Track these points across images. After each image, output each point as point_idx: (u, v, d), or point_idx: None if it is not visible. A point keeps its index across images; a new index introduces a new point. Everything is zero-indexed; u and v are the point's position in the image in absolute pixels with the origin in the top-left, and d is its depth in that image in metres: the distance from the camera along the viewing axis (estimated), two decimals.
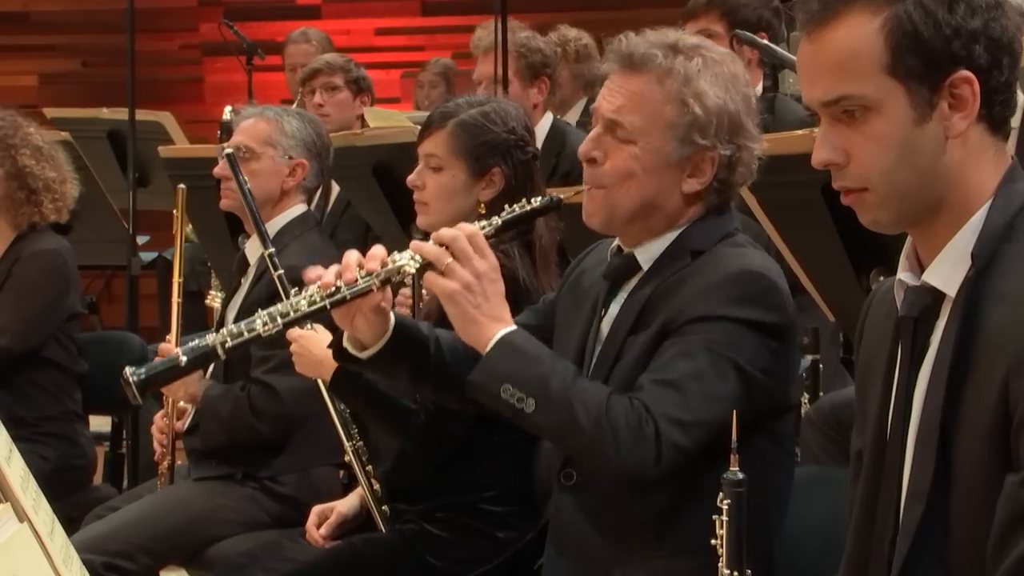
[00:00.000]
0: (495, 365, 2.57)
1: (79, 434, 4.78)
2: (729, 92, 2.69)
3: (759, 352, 2.58)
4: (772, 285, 2.63)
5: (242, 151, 4.21)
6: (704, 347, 2.55)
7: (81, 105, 7.44)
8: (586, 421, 2.50)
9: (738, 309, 2.58)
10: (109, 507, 4.27)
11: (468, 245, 2.64)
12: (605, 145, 2.71)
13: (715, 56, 2.72)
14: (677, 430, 2.50)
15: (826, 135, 1.98)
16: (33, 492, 2.16)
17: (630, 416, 2.50)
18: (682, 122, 2.67)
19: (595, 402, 2.52)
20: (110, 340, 5.16)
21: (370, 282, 2.69)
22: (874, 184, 1.97)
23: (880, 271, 3.19)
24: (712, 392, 2.53)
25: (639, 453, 2.48)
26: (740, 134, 2.70)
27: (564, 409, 2.51)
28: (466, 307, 2.61)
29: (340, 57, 6.58)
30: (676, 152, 2.68)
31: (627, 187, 2.69)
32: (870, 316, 2.18)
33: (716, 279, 2.62)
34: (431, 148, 3.49)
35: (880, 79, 1.94)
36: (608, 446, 2.49)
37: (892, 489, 2.02)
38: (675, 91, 2.67)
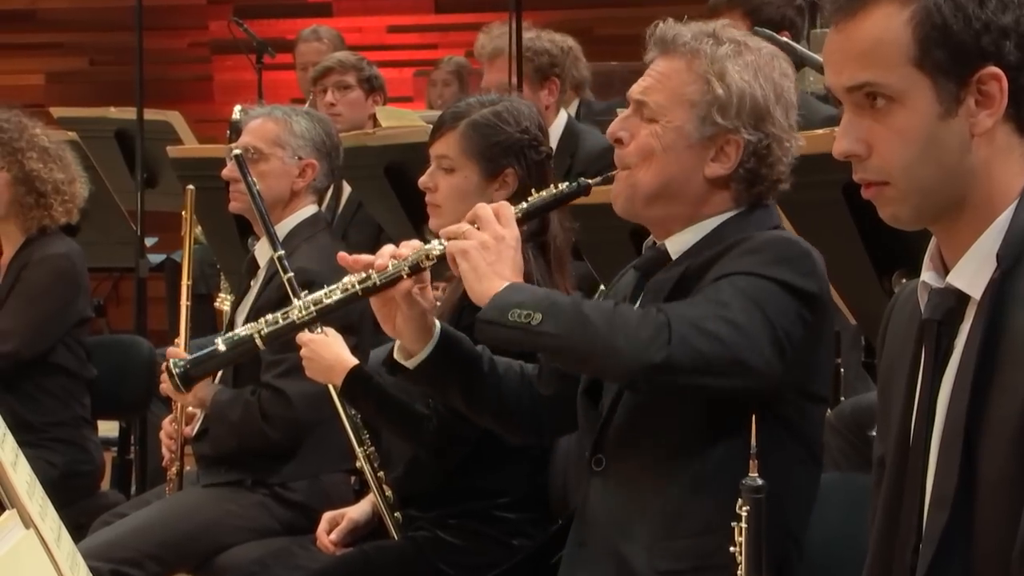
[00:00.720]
0: (502, 299, 2.57)
1: (87, 440, 4.80)
2: (758, 78, 2.70)
3: (791, 316, 2.56)
4: (807, 252, 2.64)
5: (250, 152, 4.21)
6: (733, 289, 2.54)
7: (88, 104, 7.46)
8: (596, 316, 2.50)
9: (772, 269, 2.57)
10: (117, 513, 4.28)
11: (491, 215, 2.69)
12: (631, 125, 2.74)
13: (753, 48, 2.73)
14: (691, 330, 2.48)
15: (849, 125, 1.98)
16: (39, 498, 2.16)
17: (642, 312, 2.53)
18: (703, 100, 2.68)
19: (604, 305, 2.56)
20: (118, 344, 5.18)
21: (399, 267, 2.76)
22: (895, 178, 1.96)
23: (903, 273, 3.19)
24: (734, 320, 2.51)
25: (649, 340, 2.46)
26: (766, 122, 2.70)
27: (572, 312, 2.52)
28: (478, 262, 2.63)
29: (352, 55, 6.58)
30: (697, 131, 2.69)
31: (647, 165, 2.70)
32: (893, 319, 2.17)
33: (749, 245, 2.62)
34: (443, 149, 3.49)
35: (906, 71, 1.93)
36: (617, 335, 2.48)
37: (915, 495, 2.01)
38: (700, 71, 2.69)
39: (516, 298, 2.56)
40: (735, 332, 2.50)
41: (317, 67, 6.50)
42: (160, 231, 6.87)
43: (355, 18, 10.05)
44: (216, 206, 4.49)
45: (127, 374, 4.99)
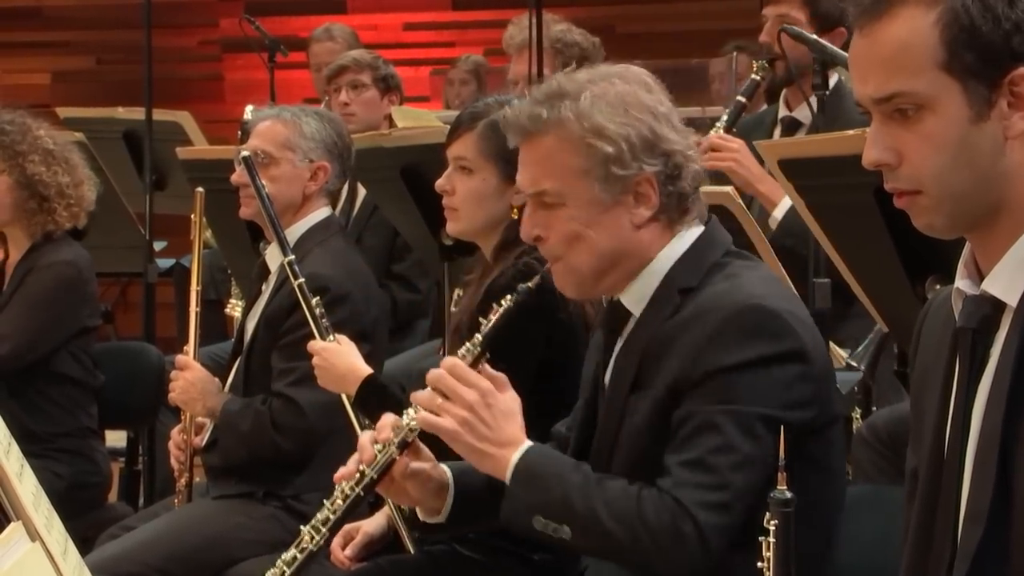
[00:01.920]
0: (519, 499, 2.61)
1: (94, 450, 4.81)
2: (628, 112, 2.68)
3: (782, 388, 2.57)
4: (771, 313, 2.59)
5: (260, 156, 4.22)
6: (723, 412, 2.54)
7: (95, 104, 7.48)
8: (623, 537, 2.53)
9: (743, 352, 2.56)
10: (124, 526, 4.29)
11: (452, 380, 2.68)
12: (541, 220, 2.73)
13: (602, 84, 2.71)
14: (717, 514, 2.51)
15: (877, 134, 1.98)
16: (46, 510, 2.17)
17: (664, 517, 2.52)
18: (595, 164, 2.67)
19: (626, 512, 2.54)
20: (125, 351, 5.19)
21: (388, 452, 2.80)
22: (928, 186, 1.96)
23: (936, 279, 3.18)
24: (744, 459, 2.52)
25: (684, 554, 2.50)
26: (659, 144, 2.69)
27: (597, 529, 2.54)
28: (471, 442, 2.65)
29: (367, 54, 6.59)
30: (607, 193, 2.68)
31: (580, 249, 2.70)
32: (926, 327, 2.17)
33: (711, 327, 2.59)
34: (460, 150, 3.50)
35: (935, 75, 1.93)
36: (651, 555, 2.52)
37: (949, 510, 2.01)
38: (575, 138, 2.67)
39: (528, 499, 2.60)
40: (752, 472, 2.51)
41: (331, 66, 6.50)
42: (169, 235, 6.89)
43: (370, 15, 10.06)
44: (227, 209, 4.50)
45: (135, 382, 5.00)
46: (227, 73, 10.34)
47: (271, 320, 4.14)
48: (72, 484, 4.63)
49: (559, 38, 5.67)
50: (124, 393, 4.97)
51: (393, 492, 2.85)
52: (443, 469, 2.86)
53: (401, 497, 2.86)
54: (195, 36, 10.41)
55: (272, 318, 4.14)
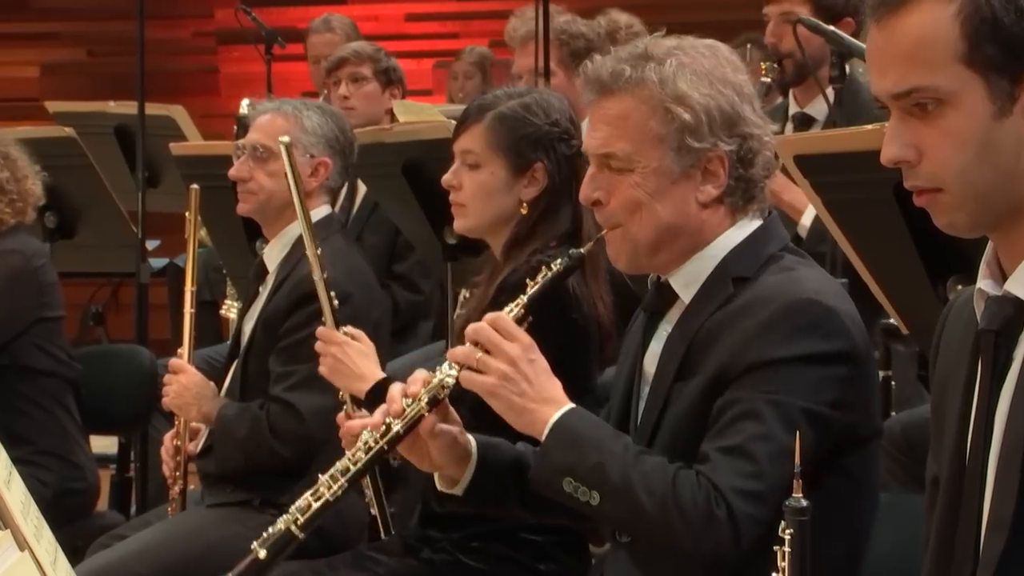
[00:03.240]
0: (552, 458, 2.60)
1: (79, 453, 4.75)
2: (713, 85, 2.69)
3: (827, 387, 2.57)
4: (827, 310, 2.60)
5: (259, 150, 4.23)
6: (766, 401, 2.54)
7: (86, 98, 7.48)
8: (652, 509, 2.52)
9: (794, 346, 2.56)
10: (116, 535, 4.29)
11: (494, 333, 2.67)
12: (603, 182, 2.73)
13: (691, 53, 2.72)
14: (751, 504, 2.50)
15: (896, 130, 1.98)
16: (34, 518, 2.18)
17: (698, 497, 2.51)
18: (671, 131, 2.67)
19: (660, 487, 2.53)
20: (117, 354, 5.19)
21: (417, 408, 2.75)
22: (949, 184, 1.96)
23: (958, 279, 3.18)
24: (783, 451, 2.51)
25: (714, 537, 2.50)
26: (739, 124, 2.70)
27: (628, 498, 2.54)
28: (510, 398, 2.64)
29: (368, 45, 6.59)
30: (677, 165, 2.69)
31: (640, 218, 2.70)
32: (947, 329, 2.17)
33: (764, 317, 2.60)
34: (467, 144, 3.50)
35: (955, 69, 1.93)
36: (679, 533, 2.51)
37: (972, 518, 2.01)
38: (655, 101, 2.68)
39: (564, 459, 2.58)
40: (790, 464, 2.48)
41: (331, 58, 6.50)
42: (162, 234, 6.89)
43: (370, 5, 10.07)
44: (222, 207, 4.51)
45: (127, 386, 5.00)
46: (222, 66, 10.35)
47: (269, 322, 4.15)
48: (58, 492, 4.61)
49: (564, 29, 5.67)
50: (116, 398, 4.97)
51: (415, 453, 2.80)
52: (469, 438, 2.84)
53: (422, 459, 2.81)
54: (189, 27, 10.42)
55: (270, 320, 4.14)
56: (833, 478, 2.56)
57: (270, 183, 4.21)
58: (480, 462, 2.84)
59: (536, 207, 3.49)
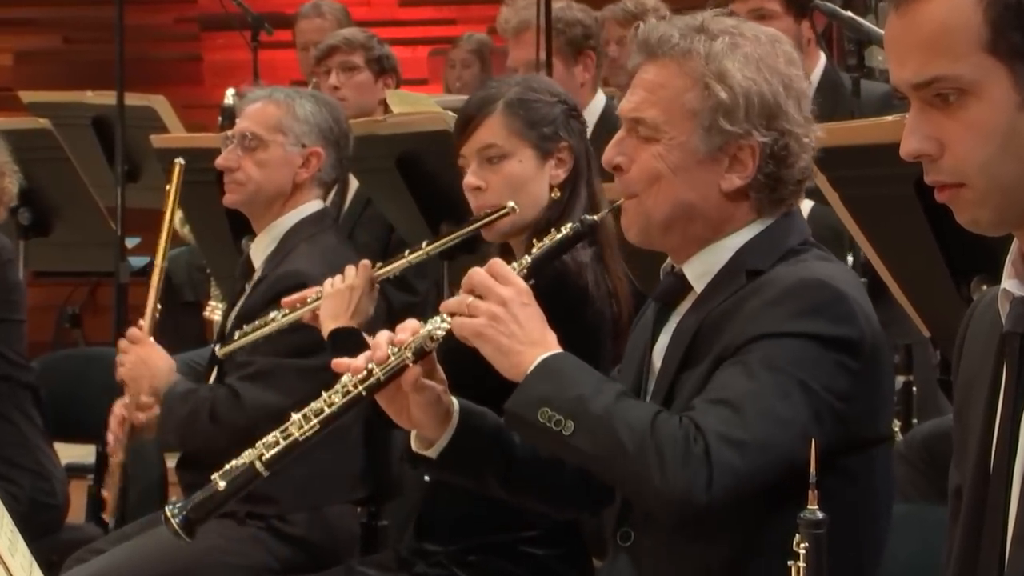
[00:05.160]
0: (532, 389, 2.59)
1: (45, 463, 4.73)
2: (762, 72, 2.69)
3: (830, 371, 2.57)
4: (839, 294, 2.61)
5: (248, 139, 4.24)
6: (764, 364, 2.55)
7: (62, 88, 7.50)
8: (628, 441, 2.51)
9: (801, 323, 2.57)
10: (93, 549, 4.29)
11: (487, 277, 2.68)
12: (629, 148, 2.74)
13: (748, 35, 2.73)
14: (730, 449, 2.50)
15: (916, 122, 1.98)
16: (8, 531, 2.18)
17: (677, 434, 2.51)
18: (706, 107, 2.68)
19: (639, 421, 2.53)
20: (95, 357, 5.19)
21: (401, 356, 2.73)
22: (972, 178, 1.96)
23: (982, 279, 3.19)
24: (772, 412, 2.52)
25: (686, 474, 2.48)
26: (779, 118, 2.70)
27: (605, 429, 2.53)
28: (498, 339, 2.63)
29: (360, 32, 6.59)
30: (705, 144, 2.69)
31: (656, 191, 2.71)
32: (971, 331, 2.18)
33: (772, 295, 2.61)
34: (486, 138, 3.51)
35: (978, 58, 1.93)
36: (652, 467, 2.49)
37: (996, 531, 2.02)
38: (696, 74, 2.69)
39: (543, 390, 2.58)
40: (777, 428, 2.51)
41: (321, 46, 6.50)
42: (143, 231, 6.88)
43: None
44: (206, 202, 4.52)
45: (105, 392, 4.98)
46: (206, 53, 10.36)
47: (243, 321, 4.17)
48: (30, 505, 4.59)
49: (559, 17, 5.67)
50: (93, 404, 4.96)
51: (395, 405, 2.79)
52: (452, 399, 2.83)
53: (400, 413, 2.79)
54: (171, 13, 10.42)
55: (247, 314, 4.17)
56: (833, 479, 2.55)
57: (259, 174, 4.23)
58: (461, 426, 2.81)
59: (566, 189, 3.51)
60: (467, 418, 2.82)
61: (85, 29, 10.05)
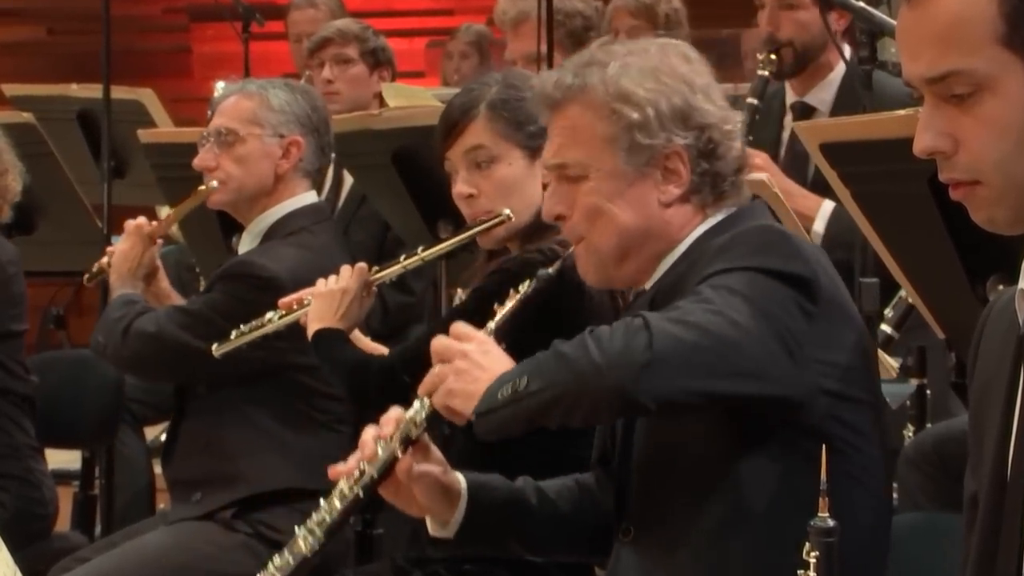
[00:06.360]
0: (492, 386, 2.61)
1: (35, 472, 4.73)
2: (660, 79, 2.76)
3: (787, 306, 2.58)
4: (788, 236, 2.68)
5: (223, 135, 4.25)
6: (712, 289, 2.57)
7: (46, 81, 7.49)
8: (570, 348, 2.53)
9: (750, 259, 2.60)
10: (78, 558, 4.30)
11: (447, 340, 2.70)
12: (564, 195, 2.82)
13: (638, 52, 2.81)
14: (673, 324, 2.50)
15: (930, 118, 1.98)
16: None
17: (616, 325, 2.54)
18: (619, 130, 2.76)
19: (579, 336, 2.56)
20: (79, 360, 5.18)
21: (390, 449, 2.78)
22: (988, 176, 1.97)
23: (999, 279, 3.19)
24: (720, 311, 2.52)
25: (626, 343, 2.49)
26: (693, 116, 2.76)
27: (551, 356, 2.56)
28: (466, 388, 2.65)
29: (354, 23, 6.59)
30: (631, 164, 2.77)
31: (600, 226, 2.78)
32: (987, 332, 2.18)
33: (719, 245, 2.67)
34: (474, 140, 3.53)
35: (994, 52, 1.94)
36: (592, 354, 2.50)
37: (1013, 539, 2.02)
38: (599, 104, 2.77)
39: (503, 379, 2.61)
40: (727, 324, 2.51)
41: (313, 37, 6.51)
42: None
43: None
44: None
45: (91, 396, 5.00)
46: (195, 45, 10.37)
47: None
48: (16, 514, 4.60)
49: (558, 8, 5.68)
50: (78, 408, 4.97)
51: (400, 498, 2.84)
52: (456, 476, 2.87)
53: (409, 504, 2.84)
54: (159, 3, 10.44)
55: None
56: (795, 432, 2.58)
57: (239, 170, 4.24)
58: (470, 501, 2.86)
59: None
60: (476, 492, 2.87)
61: (70, 20, 10.05)
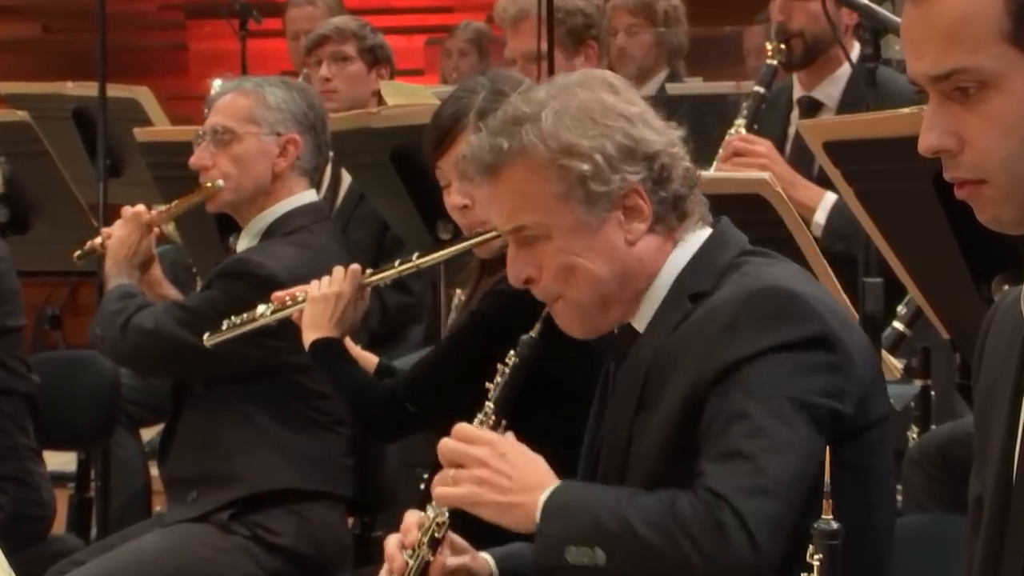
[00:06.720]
0: (549, 536, 2.60)
1: (34, 474, 4.75)
2: (596, 123, 2.73)
3: (811, 374, 2.60)
4: (790, 295, 2.65)
5: (220, 133, 4.25)
6: (754, 397, 2.57)
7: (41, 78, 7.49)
8: (655, 539, 2.52)
9: (764, 338, 2.59)
10: (74, 561, 4.29)
11: (458, 445, 2.70)
12: (527, 258, 2.78)
13: (563, 96, 2.76)
14: (757, 499, 2.51)
15: (935, 116, 1.98)
16: None
17: (698, 509, 2.52)
18: (570, 185, 2.72)
19: (657, 514, 2.55)
20: (75, 361, 5.18)
21: (420, 555, 2.78)
22: (993, 175, 1.96)
23: (1004, 279, 3.19)
24: (780, 442, 2.54)
25: (726, 545, 2.50)
26: (639, 148, 2.74)
27: (630, 540, 2.54)
28: (495, 498, 2.65)
29: (353, 21, 6.59)
30: (592, 215, 2.73)
31: (576, 282, 2.75)
32: (992, 333, 2.18)
33: (726, 318, 2.63)
34: None
35: (1000, 49, 1.94)
36: (689, 553, 2.51)
37: (1018, 542, 2.02)
38: (544, 162, 2.72)
39: (561, 530, 2.59)
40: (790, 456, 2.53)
41: (311, 35, 6.50)
42: None
43: None
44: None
45: (86, 397, 5.00)
46: (192, 43, 10.36)
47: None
48: (13, 516, 4.60)
49: (559, 5, 5.67)
50: (74, 410, 4.97)
51: None
52: (484, 558, 2.88)
53: None
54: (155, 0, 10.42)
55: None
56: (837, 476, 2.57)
57: (236, 169, 4.24)
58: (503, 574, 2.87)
59: None
60: (505, 565, 2.88)
61: (65, 17, 10.05)
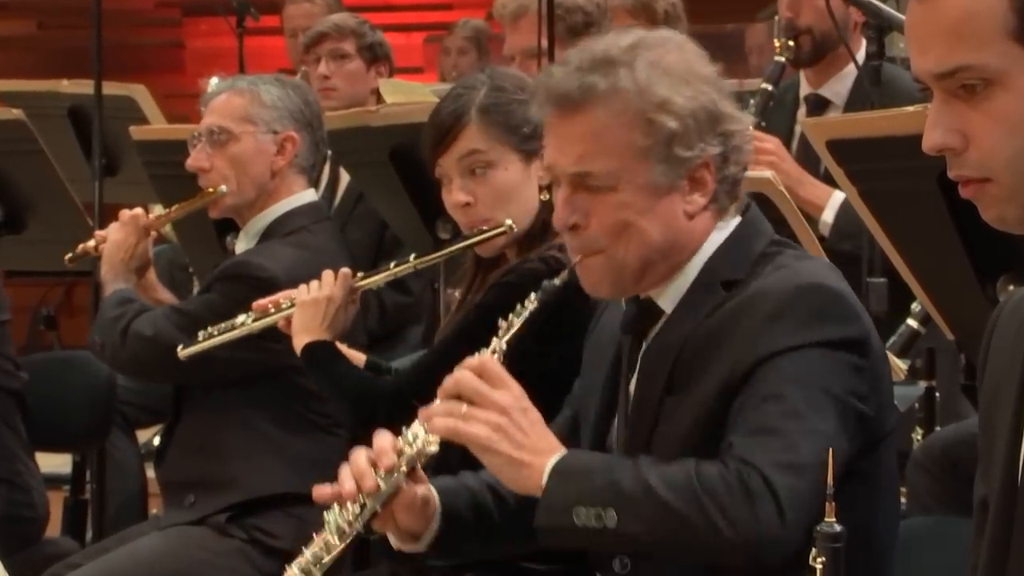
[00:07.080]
0: (556, 497, 2.56)
1: (25, 474, 4.73)
2: (692, 83, 2.70)
3: (849, 375, 2.60)
4: (836, 294, 2.65)
5: (216, 134, 4.25)
6: (791, 382, 2.56)
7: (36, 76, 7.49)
8: (678, 502, 2.49)
9: (811, 332, 2.59)
10: (70, 564, 4.29)
11: (480, 384, 2.63)
12: (581, 204, 2.72)
13: (656, 49, 2.72)
14: (790, 475, 2.49)
15: (939, 114, 1.98)
16: None
17: (729, 477, 2.49)
18: (657, 142, 2.68)
19: (682, 479, 2.51)
20: (70, 361, 5.18)
21: (396, 480, 2.71)
22: (998, 173, 1.96)
23: (1010, 279, 3.19)
24: (815, 430, 2.53)
25: (756, 514, 2.47)
26: (721, 122, 2.72)
27: (648, 501, 2.51)
28: (508, 451, 2.59)
29: (351, 18, 6.59)
30: (666, 177, 2.70)
31: (626, 240, 2.70)
32: (997, 333, 2.18)
33: (771, 308, 2.62)
34: (468, 146, 3.51)
35: (1005, 46, 1.93)
36: (715, 518, 2.48)
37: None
38: (634, 112, 2.68)
39: (568, 493, 2.55)
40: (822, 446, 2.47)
41: (309, 32, 6.51)
42: None
43: None
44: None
45: (82, 398, 4.99)
46: (188, 40, 10.36)
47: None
48: (5, 518, 4.59)
49: (559, 2, 5.67)
50: (69, 411, 4.96)
51: (388, 526, 2.78)
52: (432, 491, 2.83)
53: (388, 526, 2.78)
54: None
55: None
56: (850, 485, 2.56)
57: (234, 171, 4.24)
58: (445, 514, 2.82)
59: None
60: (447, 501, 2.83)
61: (60, 14, 10.04)
